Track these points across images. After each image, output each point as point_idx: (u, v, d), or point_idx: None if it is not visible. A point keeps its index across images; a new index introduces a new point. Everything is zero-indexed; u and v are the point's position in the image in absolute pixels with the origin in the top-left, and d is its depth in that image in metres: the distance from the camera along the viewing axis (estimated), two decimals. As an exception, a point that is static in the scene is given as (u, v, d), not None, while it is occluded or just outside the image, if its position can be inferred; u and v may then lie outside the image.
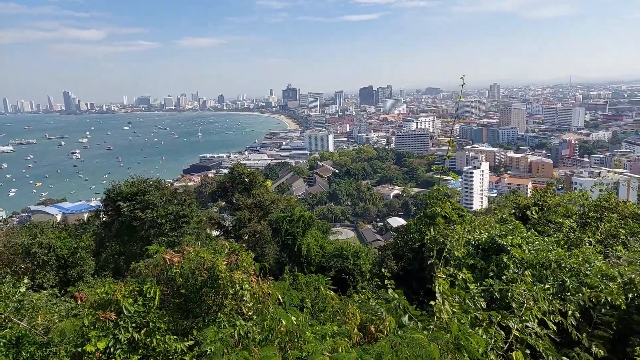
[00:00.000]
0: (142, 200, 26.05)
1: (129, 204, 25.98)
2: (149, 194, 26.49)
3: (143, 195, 26.38)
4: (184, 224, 26.63)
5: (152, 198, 26.11)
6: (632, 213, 13.32)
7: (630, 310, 7.16)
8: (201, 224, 29.05)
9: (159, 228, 25.71)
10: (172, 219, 26.03)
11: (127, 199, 26.39)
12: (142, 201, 26.04)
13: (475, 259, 8.92)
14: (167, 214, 25.85)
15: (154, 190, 27.17)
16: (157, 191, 27.50)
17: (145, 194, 26.42)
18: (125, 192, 26.70)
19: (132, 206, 25.84)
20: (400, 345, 4.58)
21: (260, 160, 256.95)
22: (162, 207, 26.10)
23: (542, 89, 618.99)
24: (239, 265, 6.68)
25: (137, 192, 26.60)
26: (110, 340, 5.81)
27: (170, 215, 25.95)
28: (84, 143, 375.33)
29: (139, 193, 26.50)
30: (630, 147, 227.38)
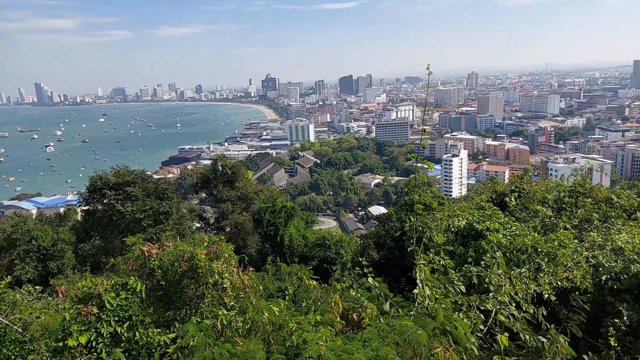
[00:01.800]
0: (125, 192, 25.70)
1: (114, 193, 25.62)
2: (133, 185, 26.09)
3: (128, 186, 26.02)
4: (163, 221, 26.27)
5: (135, 190, 25.72)
6: (605, 197, 13.74)
7: (604, 292, 7.44)
8: (182, 220, 28.69)
9: (137, 223, 25.30)
10: (150, 214, 25.65)
11: (113, 189, 26.04)
12: (124, 193, 25.69)
13: (454, 245, 9.08)
14: (146, 209, 25.45)
15: (139, 182, 26.77)
16: (142, 182, 27.09)
17: (129, 186, 26.05)
18: (113, 181, 26.34)
19: (116, 196, 25.51)
20: (386, 332, 4.65)
21: (241, 151, 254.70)
22: (142, 201, 25.72)
23: (519, 76, 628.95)
24: (218, 255, 6.66)
25: (123, 182, 26.22)
26: (93, 334, 5.74)
27: (149, 210, 25.56)
28: (57, 136, 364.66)
29: (124, 184, 26.11)
30: (603, 133, 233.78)
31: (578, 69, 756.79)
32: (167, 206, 26.46)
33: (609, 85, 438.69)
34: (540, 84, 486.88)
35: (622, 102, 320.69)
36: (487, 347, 5.39)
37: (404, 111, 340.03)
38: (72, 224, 28.65)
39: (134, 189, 25.77)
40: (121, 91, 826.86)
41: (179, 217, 27.89)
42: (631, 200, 13.35)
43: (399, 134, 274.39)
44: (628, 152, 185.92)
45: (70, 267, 23.10)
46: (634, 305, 7.08)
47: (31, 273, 20.85)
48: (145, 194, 26.35)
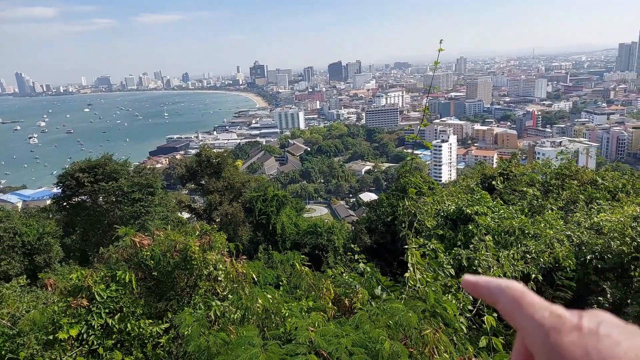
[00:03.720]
0: (103, 172, 25.94)
1: (87, 175, 25.74)
2: (108, 165, 26.33)
3: (103, 167, 26.23)
4: (149, 195, 26.64)
5: (114, 166, 26.00)
6: (590, 179, 13.96)
7: (588, 272, 7.61)
8: (167, 197, 29.02)
9: (126, 197, 25.66)
10: (138, 189, 26.04)
11: (86, 171, 26.14)
12: (103, 172, 25.94)
13: (444, 229, 9.18)
14: (133, 184, 25.86)
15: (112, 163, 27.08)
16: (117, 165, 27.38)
17: (105, 166, 26.29)
18: (81, 166, 26.64)
19: (93, 178, 25.70)
20: (377, 315, 4.71)
21: (230, 139, 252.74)
22: (125, 177, 26.12)
23: (507, 61, 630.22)
24: (212, 246, 6.65)
25: (96, 165, 26.45)
26: (83, 327, 5.73)
27: (136, 185, 25.97)
28: (41, 127, 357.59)
29: (97, 166, 26.29)
30: (590, 116, 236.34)
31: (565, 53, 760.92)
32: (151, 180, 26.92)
33: (595, 69, 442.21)
34: (528, 68, 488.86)
35: (607, 86, 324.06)
36: (475, 327, 5.50)
37: (394, 97, 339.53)
38: (58, 217, 28.42)
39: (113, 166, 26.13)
40: (106, 80, 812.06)
41: (164, 192, 28.27)
42: (615, 181, 13.60)
43: (389, 121, 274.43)
44: (613, 134, 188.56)
45: (57, 260, 22.93)
46: (617, 284, 7.27)
47: (18, 268, 20.66)
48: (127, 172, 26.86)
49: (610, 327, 0.63)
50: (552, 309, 0.70)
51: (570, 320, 0.66)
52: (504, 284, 0.78)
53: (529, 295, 0.74)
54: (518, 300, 0.74)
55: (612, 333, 0.61)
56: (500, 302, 0.77)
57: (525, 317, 0.71)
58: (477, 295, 0.83)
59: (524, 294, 0.75)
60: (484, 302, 0.79)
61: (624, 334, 0.61)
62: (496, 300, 0.78)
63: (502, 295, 0.77)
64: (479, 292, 0.82)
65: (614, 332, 0.62)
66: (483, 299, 0.82)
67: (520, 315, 0.72)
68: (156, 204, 26.36)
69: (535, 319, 0.69)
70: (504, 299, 0.76)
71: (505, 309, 0.76)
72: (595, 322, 0.64)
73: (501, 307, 0.77)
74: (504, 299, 0.76)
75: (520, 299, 0.74)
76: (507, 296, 0.76)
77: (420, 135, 32.22)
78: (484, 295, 0.81)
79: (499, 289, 0.78)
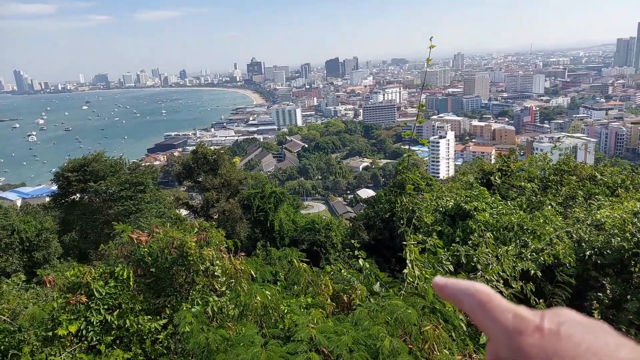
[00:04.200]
0: (90, 171, 25.98)
1: (76, 174, 25.85)
2: (94, 164, 26.39)
3: (92, 166, 26.34)
4: (139, 192, 26.63)
5: (98, 166, 26.04)
6: (589, 175, 13.97)
7: (587, 267, 7.61)
8: (160, 193, 29.04)
9: (114, 197, 25.70)
10: (127, 187, 26.06)
11: (74, 171, 26.30)
12: (90, 171, 25.98)
13: (442, 225, 9.18)
14: (121, 182, 25.87)
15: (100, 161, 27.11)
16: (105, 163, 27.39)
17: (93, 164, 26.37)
18: (71, 165, 26.85)
19: (82, 177, 25.81)
20: (377, 312, 4.70)
21: (227, 136, 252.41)
22: (113, 175, 26.15)
23: (504, 56, 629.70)
24: (209, 242, 6.63)
25: (83, 164, 26.57)
26: (82, 323, 5.72)
27: (125, 183, 25.97)
28: (40, 124, 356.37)
29: (84, 165, 26.36)
30: (588, 112, 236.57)
31: (563, 49, 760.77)
32: (141, 177, 26.88)
33: (593, 64, 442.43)
34: (526, 63, 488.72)
35: (605, 81, 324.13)
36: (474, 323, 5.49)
37: (391, 93, 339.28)
38: (55, 214, 28.45)
39: (98, 165, 26.16)
40: (103, 78, 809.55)
41: (156, 189, 28.24)
42: (614, 177, 13.61)
43: (386, 117, 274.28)
44: (611, 130, 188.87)
45: (56, 256, 22.91)
46: (617, 279, 7.27)
47: (16, 264, 20.62)
48: (115, 170, 26.86)
49: (571, 326, 0.62)
50: (516, 311, 0.69)
51: (533, 322, 0.65)
52: (471, 287, 0.77)
53: (494, 298, 0.73)
54: (484, 304, 0.73)
55: (573, 333, 0.61)
56: (466, 306, 0.76)
57: (490, 321, 0.70)
58: (445, 298, 0.82)
59: (490, 297, 0.74)
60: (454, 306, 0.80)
61: (585, 332, 0.61)
62: (463, 304, 0.77)
63: (468, 298, 0.76)
64: (446, 294, 0.80)
65: (575, 332, 0.61)
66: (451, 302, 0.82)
67: (485, 319, 0.71)
68: (147, 201, 26.36)
69: (499, 323, 0.68)
70: (470, 302, 0.75)
71: (471, 313, 0.75)
72: (556, 322, 0.64)
73: (468, 311, 0.76)
74: (470, 302, 0.75)
75: (485, 303, 0.73)
76: (473, 300, 0.75)
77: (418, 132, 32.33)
78: (451, 299, 0.80)
79: (465, 293, 0.77)
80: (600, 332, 0.61)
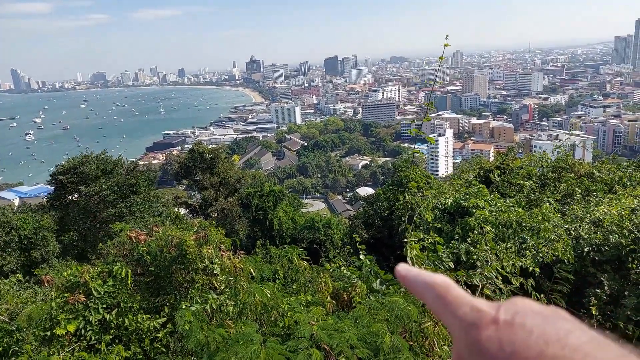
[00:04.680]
0: (79, 173, 25.76)
1: (68, 176, 25.66)
2: (84, 165, 26.10)
3: (83, 167, 26.09)
4: (130, 194, 26.41)
5: (87, 169, 25.74)
6: (587, 172, 13.99)
7: (586, 264, 7.63)
8: (154, 193, 28.82)
9: (104, 201, 25.50)
10: (117, 190, 25.81)
11: (67, 173, 26.12)
12: (79, 173, 25.75)
13: (442, 222, 9.19)
14: (111, 185, 25.60)
15: (91, 161, 26.80)
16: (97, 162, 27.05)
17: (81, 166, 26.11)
18: (65, 167, 26.50)
19: (73, 179, 25.60)
20: (377, 309, 4.71)
21: (226, 135, 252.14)
22: (103, 178, 25.89)
23: (502, 54, 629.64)
24: (207, 240, 6.63)
25: (76, 165, 26.28)
26: (81, 322, 5.71)
27: (114, 186, 25.72)
28: (37, 123, 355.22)
29: (77, 166, 26.19)
30: (586, 109, 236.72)
31: (561, 46, 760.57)
32: (132, 179, 26.66)
33: (591, 62, 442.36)
34: (524, 61, 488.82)
35: (603, 79, 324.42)
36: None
37: (390, 92, 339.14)
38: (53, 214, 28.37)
39: (88, 167, 25.89)
40: (101, 76, 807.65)
41: (148, 190, 27.98)
42: (612, 174, 13.63)
43: (385, 115, 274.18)
44: (609, 127, 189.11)
45: (54, 255, 22.84)
46: (615, 276, 7.30)
47: (14, 263, 20.54)
48: (103, 171, 26.57)
49: (525, 315, 0.63)
50: (473, 303, 0.68)
51: (489, 314, 0.65)
52: (429, 279, 0.74)
53: (452, 290, 0.72)
54: (442, 296, 0.71)
55: (526, 322, 0.61)
56: (426, 299, 0.74)
57: (449, 314, 0.69)
58: (407, 289, 0.79)
59: (448, 289, 0.72)
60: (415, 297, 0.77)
61: (538, 320, 0.61)
62: (423, 296, 0.75)
63: (427, 291, 0.73)
64: (407, 286, 0.78)
65: (527, 321, 0.61)
66: (413, 294, 0.78)
67: (444, 312, 0.70)
68: (139, 203, 26.16)
69: (457, 316, 0.68)
70: (428, 295, 0.73)
71: (431, 307, 0.73)
72: (511, 312, 0.64)
73: (428, 304, 0.74)
74: (429, 295, 0.73)
75: (443, 296, 0.71)
76: (431, 293, 0.73)
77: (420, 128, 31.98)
78: (411, 290, 0.77)
79: (424, 285, 0.74)
80: (553, 319, 0.61)
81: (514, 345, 0.59)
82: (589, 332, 0.59)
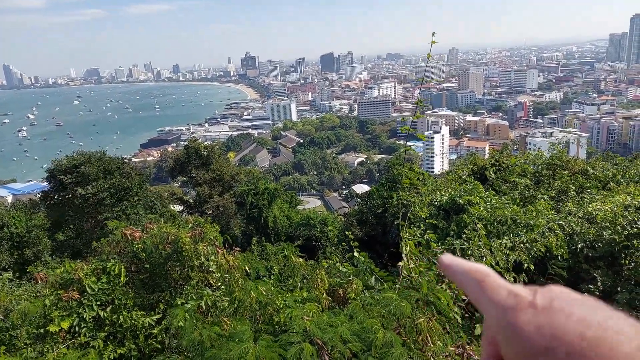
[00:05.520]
0: (80, 173, 25.37)
1: (69, 176, 25.29)
2: (86, 165, 25.70)
3: (82, 167, 25.65)
4: (125, 198, 26.11)
5: (89, 170, 25.37)
6: (581, 169, 14.08)
7: (579, 260, 7.69)
8: (145, 193, 28.52)
9: (100, 203, 25.19)
10: (112, 193, 25.51)
11: (68, 172, 25.67)
12: (80, 174, 25.37)
13: (437, 219, 9.21)
14: (107, 188, 25.29)
15: (94, 161, 26.37)
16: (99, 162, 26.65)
17: (82, 166, 25.67)
18: (65, 165, 25.99)
19: (73, 179, 25.23)
20: (371, 305, 4.72)
21: (222, 132, 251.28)
22: (103, 180, 25.53)
23: (498, 51, 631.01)
24: (203, 237, 6.61)
25: (77, 164, 25.83)
26: (75, 320, 5.69)
27: (110, 189, 25.41)
28: (30, 120, 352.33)
29: (78, 166, 25.75)
30: (580, 107, 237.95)
31: (556, 44, 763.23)
32: (127, 182, 26.33)
33: (586, 59, 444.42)
34: (519, 58, 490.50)
35: (598, 76, 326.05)
36: (468, 316, 5.54)
37: (386, 88, 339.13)
38: (46, 210, 28.04)
39: (90, 168, 25.51)
40: (95, 72, 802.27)
41: (142, 191, 27.71)
42: (606, 171, 13.73)
43: (381, 112, 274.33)
44: (603, 125, 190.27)
45: (47, 253, 22.66)
46: (607, 272, 7.36)
47: (6, 261, 20.38)
48: (104, 172, 26.19)
49: (563, 301, 0.63)
50: (510, 288, 0.70)
51: (526, 298, 0.66)
52: (467, 267, 0.77)
53: (490, 277, 0.74)
54: (480, 282, 0.73)
55: (564, 307, 0.62)
56: (464, 284, 0.76)
57: (486, 300, 0.71)
58: (447, 276, 0.82)
59: (486, 276, 0.74)
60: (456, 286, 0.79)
61: (577, 306, 0.62)
62: (461, 282, 0.77)
63: (465, 277, 0.76)
64: (449, 273, 0.81)
65: (566, 306, 0.62)
66: (451, 280, 0.81)
67: (482, 297, 0.72)
68: (133, 205, 25.81)
69: (494, 300, 0.69)
70: (467, 280, 0.76)
71: (469, 293, 0.75)
72: (548, 297, 0.64)
73: (465, 289, 0.77)
74: (467, 280, 0.75)
75: (482, 282, 0.73)
76: (470, 278, 0.75)
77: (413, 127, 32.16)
78: (451, 277, 0.80)
79: (463, 272, 0.77)
80: (591, 305, 0.62)
81: (553, 328, 0.59)
82: (628, 319, 0.59)
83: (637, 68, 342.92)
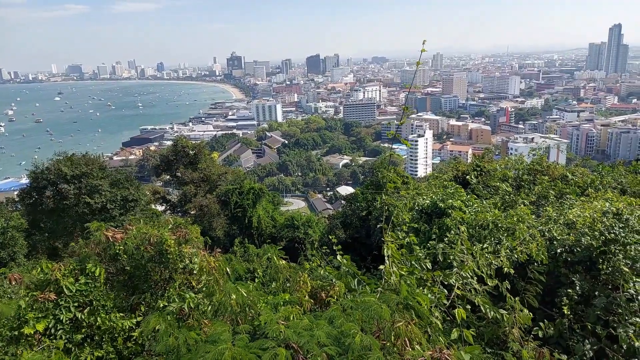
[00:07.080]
0: (87, 184, 24.24)
1: (74, 187, 24.09)
2: (93, 176, 24.62)
3: (88, 178, 24.45)
4: (132, 208, 25.43)
5: (101, 184, 24.32)
6: (560, 175, 14.36)
7: (558, 265, 7.83)
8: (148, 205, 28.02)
9: (108, 213, 24.33)
10: (121, 204, 24.75)
11: (71, 182, 24.34)
12: (87, 185, 24.24)
13: (419, 223, 9.28)
14: (115, 199, 24.48)
15: (97, 171, 25.33)
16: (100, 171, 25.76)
17: (89, 177, 24.54)
18: (69, 174, 24.39)
19: (78, 190, 24.06)
20: (351, 309, 4.71)
21: (206, 131, 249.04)
22: (109, 191, 24.62)
23: (481, 58, 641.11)
24: (187, 239, 6.53)
25: (82, 174, 24.55)
26: (51, 321, 5.55)
27: (120, 201, 24.68)
28: (9, 115, 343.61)
29: (83, 176, 24.55)
30: (561, 113, 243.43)
31: (538, 51, 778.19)
32: (134, 194, 25.66)
33: (566, 67, 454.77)
34: (502, 65, 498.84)
35: (577, 84, 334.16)
36: (450, 319, 5.58)
37: (371, 91, 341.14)
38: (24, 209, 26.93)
39: (100, 181, 24.50)
40: (77, 68, 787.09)
41: (146, 202, 27.19)
42: (584, 177, 14.03)
43: (366, 115, 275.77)
44: (582, 131, 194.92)
45: (23, 254, 22.01)
46: (586, 276, 7.51)
47: None
48: (111, 183, 25.35)
49: None
50: None
51: None
52: None
53: None
54: None
55: None
56: None
57: None
58: None
59: None
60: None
61: None
62: None
63: None
64: None
65: None
66: None
67: None
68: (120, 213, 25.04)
69: None
70: None
71: None
72: None
73: None
74: None
75: None
76: None
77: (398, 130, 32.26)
78: None
79: None
80: None
81: None
82: None
83: (615, 77, 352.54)
